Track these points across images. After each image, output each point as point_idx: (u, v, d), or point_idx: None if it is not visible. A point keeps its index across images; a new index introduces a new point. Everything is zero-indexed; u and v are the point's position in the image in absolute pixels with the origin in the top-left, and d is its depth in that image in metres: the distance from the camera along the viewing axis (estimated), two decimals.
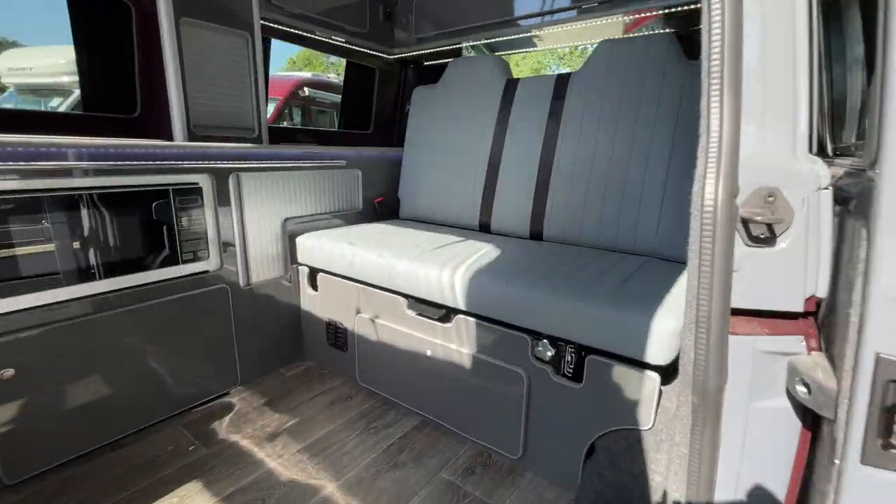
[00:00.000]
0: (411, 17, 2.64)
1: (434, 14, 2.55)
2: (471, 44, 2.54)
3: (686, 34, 2.06)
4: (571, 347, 1.35)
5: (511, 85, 2.19)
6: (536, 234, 2.08)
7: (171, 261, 1.70)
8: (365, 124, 3.06)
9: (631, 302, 1.24)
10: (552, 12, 2.15)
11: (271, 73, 2.54)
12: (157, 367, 1.72)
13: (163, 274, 1.69)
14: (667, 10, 1.90)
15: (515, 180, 2.13)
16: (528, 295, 1.37)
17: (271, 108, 8.08)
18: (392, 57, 2.81)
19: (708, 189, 0.71)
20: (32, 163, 1.34)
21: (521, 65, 19.76)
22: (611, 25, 2.11)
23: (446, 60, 2.82)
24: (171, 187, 1.65)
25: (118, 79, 1.95)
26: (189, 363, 1.81)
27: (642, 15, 1.98)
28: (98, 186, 1.48)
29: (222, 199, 1.84)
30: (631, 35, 2.05)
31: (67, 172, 1.42)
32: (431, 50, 2.66)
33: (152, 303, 1.67)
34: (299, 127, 2.67)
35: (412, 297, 1.71)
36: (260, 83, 2.06)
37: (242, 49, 1.98)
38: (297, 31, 2.30)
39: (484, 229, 2.26)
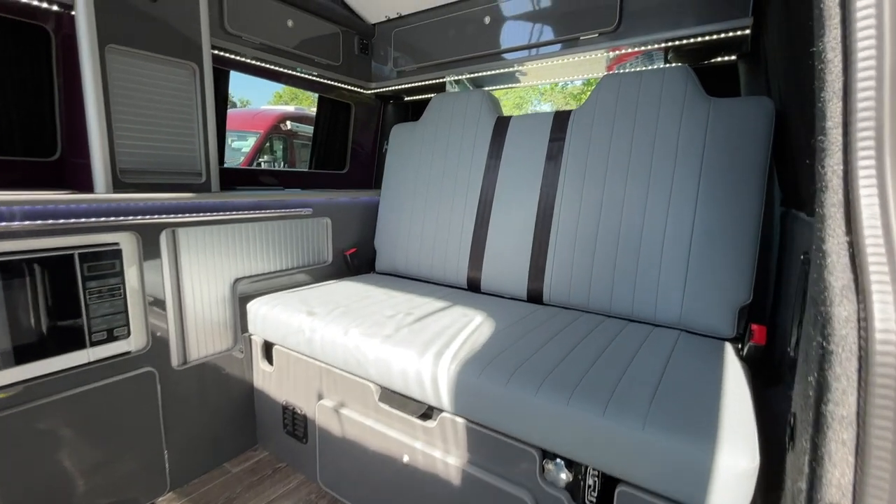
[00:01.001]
0: (390, 50, 2.40)
1: (414, 46, 2.31)
2: (454, 78, 2.30)
3: (696, 69, 1.84)
4: (594, 472, 1.01)
5: (502, 123, 1.93)
6: (535, 297, 1.76)
7: (76, 344, 1.33)
8: (339, 164, 2.77)
9: (675, 421, 0.92)
10: (539, 45, 1.92)
11: (256, 106, 2.25)
12: (60, 479, 1.32)
13: (64, 362, 1.31)
14: (673, 43, 1.67)
15: (509, 232, 1.83)
16: (533, 401, 1.04)
17: (251, 143, 7.83)
18: (369, 91, 2.55)
19: (878, 315, 0.41)
20: None
21: (503, 101, 20.09)
22: (600, 60, 1.89)
23: (429, 95, 2.57)
24: (75, 251, 1.30)
25: (38, 116, 1.62)
26: (102, 471, 1.41)
27: (630, 50, 1.77)
28: None
29: (152, 260, 1.49)
30: (641, 69, 1.81)
31: None
32: (412, 85, 2.41)
33: (51, 399, 1.29)
34: (261, 168, 2.35)
35: (385, 388, 1.36)
36: (209, 121, 1.75)
37: (189, 82, 1.68)
38: (258, 63, 2.02)
39: (473, 288, 1.94)
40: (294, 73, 2.18)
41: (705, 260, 1.42)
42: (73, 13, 1.41)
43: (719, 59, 1.81)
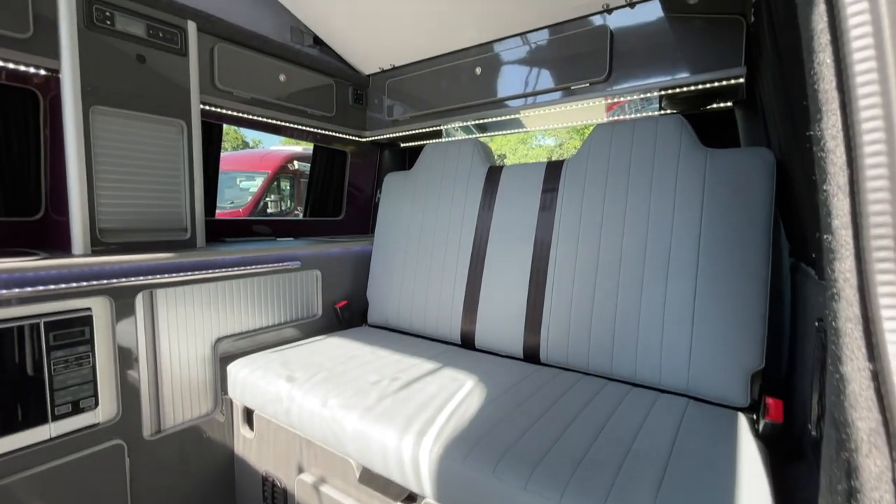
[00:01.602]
0: (384, 99, 2.41)
1: (408, 95, 2.32)
2: (449, 126, 2.29)
3: (693, 115, 1.79)
4: None
5: (494, 173, 1.88)
6: (532, 355, 1.65)
7: (37, 419, 1.24)
8: (336, 210, 2.74)
9: None
10: (531, 94, 1.90)
11: (267, 146, 2.24)
12: None
13: (23, 439, 1.22)
14: (665, 91, 1.64)
15: (503, 285, 1.75)
16: (522, 496, 0.92)
17: (259, 183, 7.96)
18: (364, 139, 2.55)
19: None
20: None
21: (508, 135, 20.40)
22: (596, 107, 1.86)
23: (425, 142, 2.56)
24: (41, 319, 1.24)
25: (24, 176, 1.61)
26: None
27: (623, 98, 1.74)
28: None
29: (125, 323, 1.42)
30: (635, 116, 1.78)
31: None
32: (408, 132, 2.40)
33: (8, 480, 1.20)
34: (252, 218, 2.32)
35: (366, 468, 1.24)
36: (196, 176, 1.73)
37: (176, 138, 1.67)
38: (250, 117, 2.02)
39: (467, 344, 1.84)
40: (287, 124, 2.19)
41: (711, 320, 1.32)
42: (59, 76, 1.41)
43: (715, 105, 1.77)
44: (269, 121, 2.10)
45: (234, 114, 1.97)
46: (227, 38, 1.83)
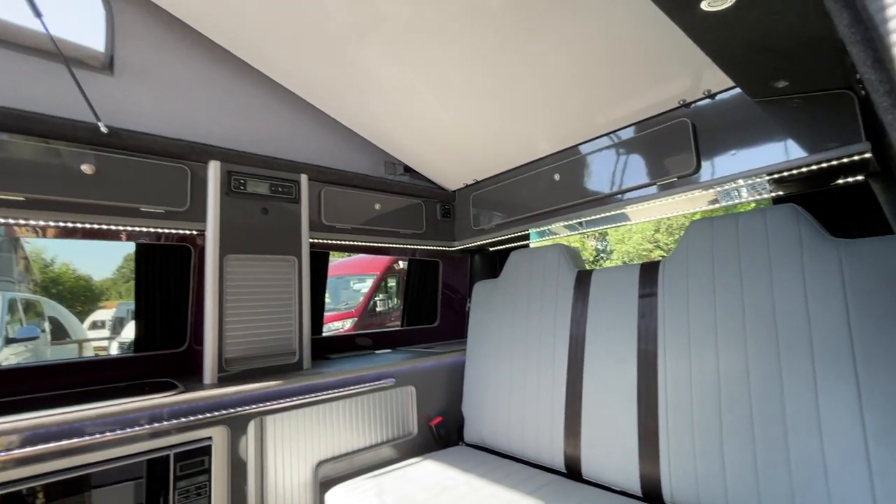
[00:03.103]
0: (470, 210, 2.54)
1: (492, 204, 2.41)
2: (538, 229, 2.30)
3: (815, 193, 1.57)
4: None
5: (583, 278, 1.80)
6: (653, 492, 1.40)
7: None
8: (430, 318, 2.81)
9: None
10: (613, 195, 1.84)
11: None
12: None
13: None
14: (772, 176, 1.47)
15: (607, 405, 1.56)
16: None
17: (369, 284, 8.67)
18: (454, 248, 2.66)
19: None
20: None
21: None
22: (690, 199, 1.72)
23: (515, 245, 2.59)
24: (171, 451, 1.40)
25: (176, 315, 1.95)
26: None
27: (721, 189, 1.58)
28: (63, 469, 1.24)
29: (237, 452, 1.54)
30: (735, 207, 1.61)
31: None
32: (497, 238, 2.46)
33: None
34: (353, 333, 2.47)
35: None
36: (305, 303, 1.93)
37: (290, 272, 1.92)
38: (350, 243, 2.26)
39: (572, 472, 1.63)
40: (383, 245, 2.39)
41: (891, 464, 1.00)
42: (205, 233, 1.75)
43: (841, 181, 1.53)
44: (367, 244, 2.32)
45: (337, 242, 2.22)
46: (331, 181, 2.14)
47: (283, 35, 1.69)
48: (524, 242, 2.62)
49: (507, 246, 2.66)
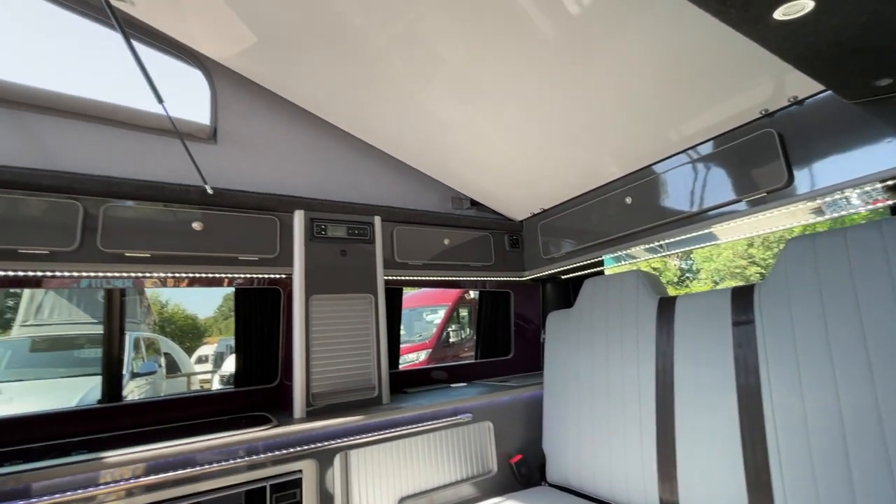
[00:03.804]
0: (538, 238, 2.51)
1: (561, 232, 2.37)
2: (613, 255, 2.21)
3: None
4: None
5: (667, 305, 1.68)
6: None
7: None
8: (504, 349, 2.78)
9: None
10: (692, 216, 1.73)
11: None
12: None
13: None
14: (886, 183, 1.30)
15: (705, 441, 1.42)
16: None
17: (441, 315, 8.77)
18: (524, 278, 2.63)
19: None
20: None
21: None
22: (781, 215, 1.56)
23: (588, 272, 2.51)
24: (267, 482, 1.50)
25: (268, 353, 2.13)
26: None
27: (821, 201, 1.42)
28: (176, 498, 1.36)
29: (325, 485, 1.60)
30: (842, 219, 1.44)
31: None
32: (568, 266, 2.40)
33: None
34: (430, 366, 2.50)
35: None
36: (382, 339, 2.01)
37: (367, 309, 2.02)
38: (422, 278, 2.33)
39: None
40: (453, 278, 2.43)
41: None
42: (292, 276, 1.91)
43: None
44: (438, 278, 2.37)
45: (410, 278, 2.30)
46: (402, 220, 2.24)
47: (352, 91, 1.85)
48: (598, 269, 2.52)
49: (580, 273, 2.57)
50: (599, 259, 2.30)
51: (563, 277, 2.76)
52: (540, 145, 1.96)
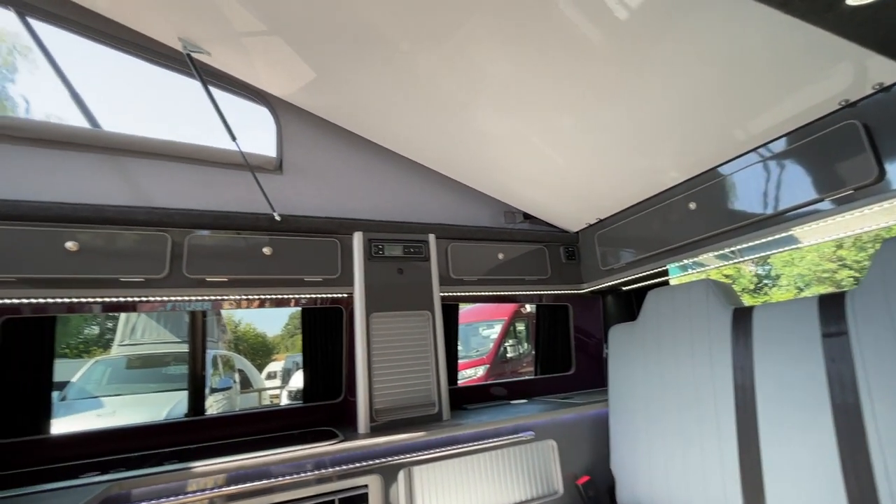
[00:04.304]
0: (595, 249, 2.43)
1: (619, 242, 2.28)
2: (678, 263, 2.09)
3: None
4: None
5: (742, 317, 1.56)
6: None
7: None
8: (565, 365, 2.69)
9: None
10: (767, 218, 1.60)
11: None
12: None
13: None
14: None
15: (797, 470, 1.28)
16: None
17: (497, 330, 8.67)
18: (583, 291, 2.56)
19: None
20: None
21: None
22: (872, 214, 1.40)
23: (652, 282, 2.39)
24: (336, 497, 1.54)
25: (332, 369, 2.22)
26: None
27: None
28: None
29: (389, 500, 1.63)
30: None
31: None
32: (629, 277, 2.30)
33: None
34: (489, 382, 2.48)
35: None
36: (440, 354, 2.03)
37: (425, 326, 2.05)
38: (477, 294, 2.33)
39: None
40: (509, 293, 2.41)
41: None
42: (353, 295, 1.99)
43: None
44: (493, 293, 2.37)
45: (466, 294, 2.31)
46: (456, 237, 2.27)
47: (403, 114, 1.92)
48: (663, 279, 2.40)
49: (642, 284, 2.46)
50: (663, 269, 2.18)
51: (624, 289, 2.64)
52: (593, 154, 1.92)
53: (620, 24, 1.29)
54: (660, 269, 2.17)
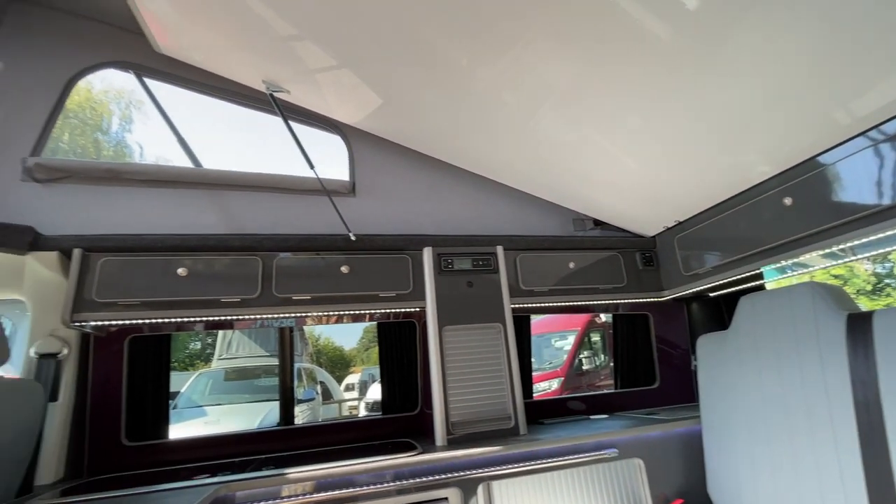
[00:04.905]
0: (676, 254, 2.28)
1: (703, 245, 2.12)
2: (773, 266, 1.90)
3: None
4: None
5: (859, 324, 1.37)
6: None
7: None
8: (648, 378, 2.53)
9: None
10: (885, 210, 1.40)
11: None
12: None
13: None
14: None
15: None
16: None
17: (572, 341, 8.37)
18: (664, 298, 2.40)
19: None
20: None
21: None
22: None
23: (743, 287, 2.19)
24: None
25: (408, 382, 2.28)
26: None
27: None
28: None
29: None
30: None
31: None
32: (717, 282, 2.12)
33: None
34: (566, 396, 2.40)
35: None
36: (514, 367, 2.00)
37: (497, 338, 2.04)
38: (549, 305, 2.28)
39: None
40: (583, 303, 2.33)
41: None
42: (425, 309, 2.03)
43: None
44: (566, 304, 2.30)
45: (537, 305, 2.26)
46: (524, 248, 2.25)
47: (467, 130, 1.96)
48: (756, 283, 2.18)
49: (732, 290, 2.25)
50: (756, 272, 1.98)
51: (711, 295, 2.44)
52: (665, 154, 1.81)
53: (688, 13, 1.21)
54: (752, 273, 1.98)
